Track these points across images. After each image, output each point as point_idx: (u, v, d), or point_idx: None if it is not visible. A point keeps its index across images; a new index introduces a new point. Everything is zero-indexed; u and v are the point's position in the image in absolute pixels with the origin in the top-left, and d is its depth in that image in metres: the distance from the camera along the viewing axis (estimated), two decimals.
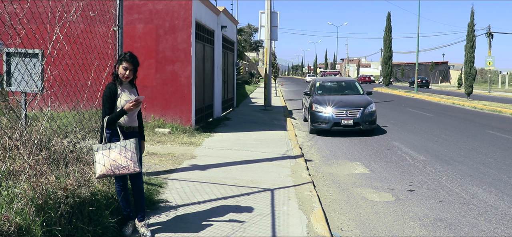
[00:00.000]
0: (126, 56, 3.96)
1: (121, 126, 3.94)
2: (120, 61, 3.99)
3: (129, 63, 3.96)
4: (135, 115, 4.09)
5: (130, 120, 4.04)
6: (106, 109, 3.90)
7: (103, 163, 3.73)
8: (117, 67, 4.00)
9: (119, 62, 3.99)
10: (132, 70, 4.00)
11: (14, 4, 3.52)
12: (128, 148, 3.77)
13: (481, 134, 12.10)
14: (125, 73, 3.95)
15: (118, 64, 4.01)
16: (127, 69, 3.96)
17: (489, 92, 38.94)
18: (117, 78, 3.98)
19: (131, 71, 3.98)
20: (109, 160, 3.72)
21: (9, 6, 3.48)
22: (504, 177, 7.08)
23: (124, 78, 3.97)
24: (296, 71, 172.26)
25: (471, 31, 26.45)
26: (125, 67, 3.95)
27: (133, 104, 3.78)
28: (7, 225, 3.03)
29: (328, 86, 14.10)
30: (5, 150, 3.98)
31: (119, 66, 3.97)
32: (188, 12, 10.29)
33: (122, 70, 3.96)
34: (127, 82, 4.07)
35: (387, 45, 43.28)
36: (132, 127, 4.06)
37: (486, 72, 54.12)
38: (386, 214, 5.35)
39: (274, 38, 18.76)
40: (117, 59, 3.99)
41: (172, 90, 10.46)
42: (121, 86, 4.00)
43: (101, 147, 3.77)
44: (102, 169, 3.73)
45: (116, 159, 3.73)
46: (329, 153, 9.27)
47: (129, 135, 3.98)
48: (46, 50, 4.22)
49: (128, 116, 3.98)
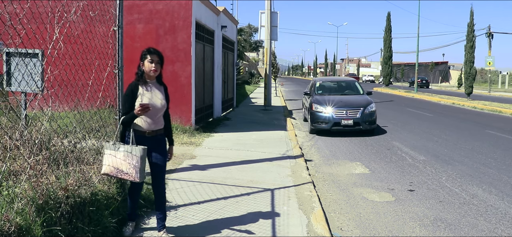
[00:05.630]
0: (150, 49, 3.71)
1: (140, 130, 3.71)
2: (144, 56, 3.71)
3: (155, 55, 3.69)
4: (159, 117, 3.81)
5: (153, 123, 3.77)
6: (125, 108, 3.70)
7: (109, 162, 3.63)
8: (142, 65, 3.73)
9: (143, 58, 3.72)
10: (159, 63, 3.72)
11: (14, 4, 3.52)
12: (134, 154, 3.56)
13: (481, 134, 12.10)
14: (152, 67, 3.67)
15: (142, 60, 3.73)
16: (153, 61, 3.68)
17: (489, 92, 38.94)
18: (142, 76, 3.73)
19: (158, 64, 3.71)
20: (114, 161, 3.60)
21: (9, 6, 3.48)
22: (504, 177, 7.09)
23: (152, 72, 3.69)
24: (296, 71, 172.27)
25: (471, 31, 26.44)
26: (150, 60, 3.67)
27: (140, 110, 3.55)
28: (8, 225, 3.03)
29: (328, 86, 14.11)
30: (5, 150, 3.98)
31: (144, 62, 3.70)
32: (188, 12, 10.29)
33: (148, 64, 3.68)
34: (154, 79, 3.80)
35: (387, 45, 43.27)
36: (156, 131, 3.80)
37: (486, 72, 54.12)
38: (386, 214, 5.35)
39: (274, 38, 18.75)
40: (140, 57, 3.73)
41: (172, 90, 10.36)
42: (146, 85, 3.74)
43: (111, 146, 3.63)
44: (106, 169, 3.65)
45: (120, 163, 3.59)
46: (329, 153, 9.27)
47: (152, 140, 3.76)
48: (46, 50, 4.22)
49: (151, 118, 3.73)
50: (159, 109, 3.79)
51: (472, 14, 26.57)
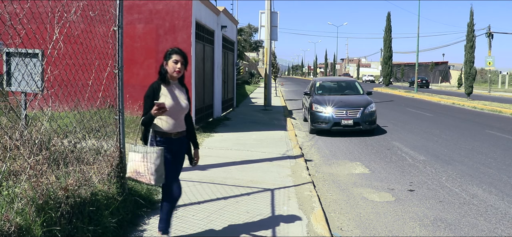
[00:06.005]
0: (175, 49, 3.59)
1: (163, 131, 3.57)
2: (168, 56, 3.58)
3: (180, 56, 3.56)
4: (181, 119, 3.68)
5: (176, 125, 3.64)
6: (146, 108, 3.55)
7: (130, 165, 3.53)
8: (165, 64, 3.59)
9: (167, 58, 3.58)
10: (184, 64, 3.60)
11: (14, 4, 3.52)
12: (150, 156, 3.43)
13: (481, 134, 12.10)
14: (176, 67, 3.55)
15: (165, 60, 3.59)
16: (177, 62, 3.55)
17: (489, 92, 38.95)
18: (164, 77, 3.59)
19: (182, 64, 3.58)
20: (134, 163, 3.50)
21: (9, 6, 3.48)
22: (504, 177, 7.08)
23: (175, 73, 3.56)
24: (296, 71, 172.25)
25: (471, 31, 26.45)
26: (176, 60, 3.55)
27: (156, 110, 3.38)
28: (8, 225, 3.03)
29: (328, 86, 14.11)
30: (5, 150, 3.98)
31: (168, 62, 3.57)
32: (188, 12, 10.29)
33: (173, 64, 3.55)
34: (176, 80, 3.68)
35: (387, 45, 43.27)
36: (180, 132, 3.67)
37: (486, 72, 54.12)
38: (386, 214, 5.35)
39: (274, 38, 18.75)
40: (164, 56, 3.61)
41: None
42: (168, 86, 3.61)
43: (132, 147, 3.52)
44: (128, 172, 3.56)
45: (138, 165, 3.47)
46: (329, 153, 9.27)
47: (176, 142, 3.65)
48: (46, 50, 4.22)
49: (173, 119, 3.59)
50: (181, 110, 3.66)
51: (472, 14, 26.58)
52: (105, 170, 4.42)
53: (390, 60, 43.93)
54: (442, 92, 38.75)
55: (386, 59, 44.03)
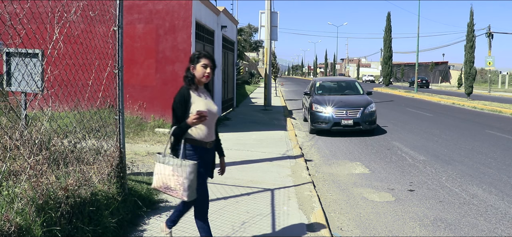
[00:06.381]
0: (204, 53, 3.39)
1: (198, 141, 3.33)
2: (197, 59, 3.37)
3: (209, 60, 3.37)
4: (213, 125, 3.45)
5: (210, 133, 3.41)
6: (177, 117, 3.29)
7: (158, 177, 3.29)
8: (192, 68, 3.37)
9: (195, 61, 3.37)
10: (212, 68, 3.41)
11: (14, 4, 3.52)
12: (183, 169, 3.17)
13: (481, 134, 12.10)
14: (205, 72, 3.35)
15: (193, 64, 3.38)
16: (207, 66, 3.35)
17: (489, 92, 38.95)
18: (192, 81, 3.36)
19: (212, 69, 3.39)
20: (162, 176, 3.25)
21: (9, 6, 3.48)
22: (504, 177, 7.08)
23: (205, 78, 3.36)
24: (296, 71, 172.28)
25: (470, 31, 26.45)
26: (205, 65, 3.34)
27: (196, 118, 3.14)
28: (8, 225, 3.03)
29: (328, 86, 14.11)
30: (5, 150, 3.98)
31: (196, 66, 3.36)
32: (188, 12, 10.29)
33: (202, 69, 3.34)
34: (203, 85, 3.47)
35: (387, 45, 43.28)
36: (213, 141, 3.47)
37: (486, 72, 54.13)
38: (386, 214, 5.35)
39: (274, 38, 18.76)
40: (190, 59, 3.41)
41: (172, 90, 10.45)
42: (197, 91, 3.38)
43: (161, 158, 3.27)
44: (156, 184, 3.32)
45: (168, 178, 3.23)
46: (329, 153, 9.27)
47: (211, 152, 3.45)
48: (46, 50, 4.22)
49: (208, 127, 3.36)
50: (214, 117, 3.44)
51: (472, 14, 26.58)
52: (105, 170, 4.42)
53: (390, 60, 43.94)
54: (442, 92, 38.75)
55: (386, 59, 44.04)
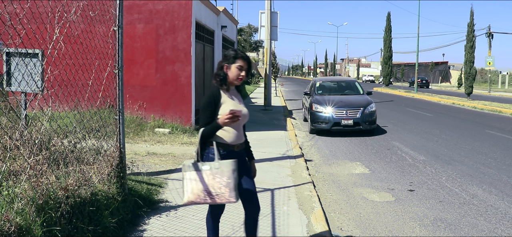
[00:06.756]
0: (240, 53, 3.22)
1: (225, 143, 3.17)
2: (233, 59, 3.19)
3: (245, 62, 3.21)
4: (241, 128, 3.30)
5: (239, 135, 3.25)
6: (206, 118, 3.14)
7: (191, 188, 3.05)
8: (226, 67, 3.21)
9: (230, 60, 3.20)
10: (248, 71, 3.26)
11: (14, 4, 3.52)
12: (223, 170, 2.99)
13: (481, 134, 12.10)
14: (240, 74, 3.19)
15: (227, 63, 3.21)
16: (242, 68, 3.19)
17: (489, 92, 38.95)
18: (224, 81, 3.20)
19: (246, 71, 3.24)
20: (199, 184, 3.03)
21: (9, 6, 3.48)
22: (504, 177, 7.08)
23: (238, 81, 3.21)
24: (296, 71, 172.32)
25: (471, 31, 26.45)
26: (240, 66, 3.18)
27: (229, 118, 2.98)
28: (8, 225, 3.03)
29: (328, 86, 14.11)
30: (5, 150, 3.98)
31: (231, 66, 3.19)
32: (188, 12, 10.30)
33: (237, 71, 3.18)
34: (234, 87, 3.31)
35: (387, 45, 43.28)
36: (242, 144, 3.32)
37: (486, 72, 54.13)
38: (386, 214, 5.35)
39: (274, 38, 18.75)
40: (224, 57, 3.24)
41: (172, 90, 10.46)
42: (228, 92, 3.22)
43: (191, 166, 3.06)
44: (190, 196, 3.08)
45: (207, 185, 3.02)
46: (329, 153, 9.27)
47: (239, 155, 3.26)
48: (46, 50, 4.22)
49: (236, 129, 3.21)
50: (244, 119, 3.28)
51: (472, 14, 26.58)
52: (105, 170, 4.42)
53: (390, 60, 43.95)
54: (442, 92, 38.75)
55: (386, 59, 44.04)
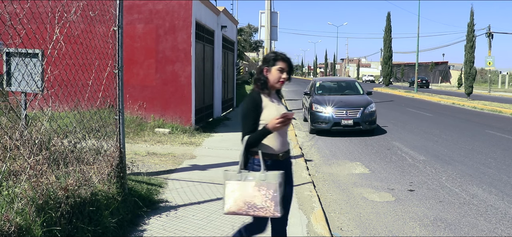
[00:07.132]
0: (281, 55, 3.04)
1: (270, 153, 2.96)
2: (273, 62, 3.02)
3: (287, 64, 3.04)
4: (285, 134, 3.08)
5: (284, 142, 3.05)
6: (249, 126, 2.93)
7: (234, 198, 2.86)
8: (266, 71, 3.03)
9: (270, 63, 3.03)
10: (289, 73, 3.07)
11: (14, 4, 3.52)
12: (270, 182, 2.79)
13: (481, 134, 12.10)
14: (282, 77, 3.02)
15: (267, 66, 3.03)
16: (283, 71, 3.02)
17: (489, 92, 38.96)
18: (265, 85, 3.02)
19: (288, 73, 3.06)
20: (243, 195, 2.84)
21: (9, 6, 3.48)
22: (504, 177, 7.08)
23: (279, 84, 3.04)
24: (296, 71, 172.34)
25: (471, 31, 26.47)
26: (281, 68, 3.01)
27: (280, 122, 2.80)
28: (7, 225, 3.03)
29: (328, 86, 14.12)
30: (5, 150, 3.98)
31: (271, 69, 3.02)
32: (188, 12, 10.30)
33: (277, 73, 3.00)
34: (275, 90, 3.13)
35: (387, 45, 43.29)
36: (286, 152, 3.09)
37: (486, 72, 54.13)
38: (386, 214, 5.35)
39: (274, 38, 18.73)
40: (264, 60, 3.09)
41: (172, 90, 10.46)
42: (269, 96, 3.04)
43: (235, 175, 2.88)
44: (232, 206, 2.88)
45: (252, 196, 2.82)
46: (329, 153, 9.27)
47: (283, 164, 3.02)
48: (46, 50, 4.22)
49: (281, 136, 3.00)
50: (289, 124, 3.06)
51: (472, 14, 26.60)
52: (105, 170, 4.42)
53: (390, 60, 43.95)
54: (442, 92, 38.76)
55: (386, 59, 44.04)
